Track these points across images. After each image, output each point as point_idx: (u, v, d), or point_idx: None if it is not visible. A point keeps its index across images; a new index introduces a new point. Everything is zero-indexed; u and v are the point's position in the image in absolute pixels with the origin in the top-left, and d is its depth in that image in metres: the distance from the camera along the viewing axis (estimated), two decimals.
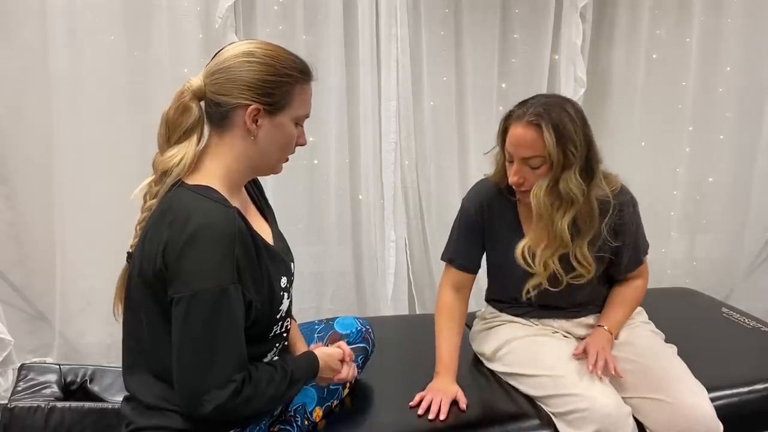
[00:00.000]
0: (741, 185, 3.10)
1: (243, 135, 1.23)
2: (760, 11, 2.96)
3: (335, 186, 2.75)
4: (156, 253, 1.16)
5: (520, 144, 1.53)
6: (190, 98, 1.23)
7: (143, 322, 1.23)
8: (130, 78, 2.48)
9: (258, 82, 1.20)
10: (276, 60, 1.22)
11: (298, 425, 1.43)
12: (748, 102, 3.04)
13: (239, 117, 1.22)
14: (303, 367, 1.33)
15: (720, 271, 3.19)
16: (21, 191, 2.49)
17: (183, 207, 1.17)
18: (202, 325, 1.13)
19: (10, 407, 1.46)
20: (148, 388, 1.24)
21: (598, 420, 1.46)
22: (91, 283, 2.52)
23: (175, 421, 1.21)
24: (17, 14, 2.37)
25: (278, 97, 1.22)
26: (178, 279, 1.14)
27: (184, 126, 1.23)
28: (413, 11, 2.71)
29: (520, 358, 1.67)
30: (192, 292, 1.12)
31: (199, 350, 1.14)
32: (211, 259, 1.13)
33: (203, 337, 1.13)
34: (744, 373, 1.75)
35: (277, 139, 1.26)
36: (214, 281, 1.13)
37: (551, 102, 1.54)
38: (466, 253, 1.74)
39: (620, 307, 1.72)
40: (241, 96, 1.20)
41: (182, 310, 1.13)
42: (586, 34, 2.84)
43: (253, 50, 1.22)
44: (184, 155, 1.22)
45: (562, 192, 1.52)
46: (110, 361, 2.50)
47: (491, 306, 1.85)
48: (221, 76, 1.21)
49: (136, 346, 1.27)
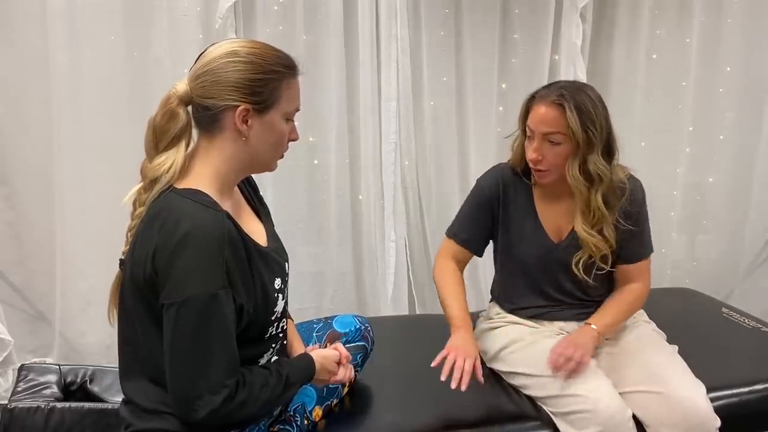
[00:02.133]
0: (741, 185, 3.10)
1: (234, 137, 1.22)
2: (760, 11, 2.96)
3: (335, 186, 2.74)
4: (146, 259, 1.15)
5: (542, 120, 1.58)
6: (177, 104, 1.21)
7: (137, 328, 1.22)
8: (130, 78, 2.48)
9: (245, 82, 1.19)
10: (261, 57, 1.21)
11: (298, 425, 1.43)
12: (748, 102, 3.04)
13: (229, 119, 1.20)
14: (299, 370, 1.32)
15: (720, 271, 3.19)
16: (21, 191, 2.49)
17: (172, 211, 1.15)
18: (193, 331, 1.12)
19: (10, 408, 1.46)
20: (144, 393, 1.23)
21: (600, 422, 1.46)
22: (91, 283, 2.52)
23: (172, 424, 1.20)
24: (17, 14, 2.36)
25: (266, 95, 1.21)
26: (168, 285, 1.13)
27: (172, 132, 1.21)
28: (413, 12, 2.71)
29: (524, 357, 1.67)
30: (182, 298, 1.12)
31: (191, 356, 1.13)
32: (200, 264, 1.12)
33: (194, 343, 1.13)
34: (744, 373, 1.76)
35: (269, 138, 1.24)
36: (203, 287, 1.12)
37: (574, 86, 1.61)
38: (471, 229, 1.77)
39: (613, 308, 1.72)
40: (228, 97, 1.19)
41: (172, 316, 1.12)
42: (586, 34, 2.84)
43: (236, 49, 1.20)
44: (173, 162, 1.20)
45: (592, 172, 1.58)
46: (110, 361, 2.49)
47: (497, 306, 1.85)
48: (207, 78, 1.19)
49: (131, 351, 1.26)
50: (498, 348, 1.74)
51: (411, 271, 2.88)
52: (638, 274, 1.74)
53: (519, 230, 1.72)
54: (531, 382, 1.63)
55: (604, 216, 1.62)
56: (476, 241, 1.78)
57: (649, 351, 1.65)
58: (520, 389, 1.67)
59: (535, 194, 1.72)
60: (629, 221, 1.66)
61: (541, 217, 1.71)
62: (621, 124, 2.96)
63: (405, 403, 1.57)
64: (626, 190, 1.65)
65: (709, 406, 1.51)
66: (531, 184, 1.72)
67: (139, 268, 1.17)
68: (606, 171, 1.59)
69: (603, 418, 1.46)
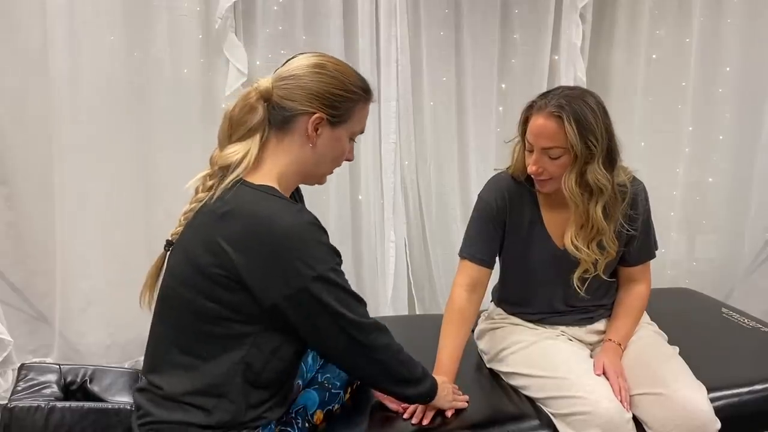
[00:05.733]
0: (741, 185, 3.10)
1: (302, 141, 1.28)
2: (760, 11, 2.96)
3: (335, 186, 2.74)
4: (221, 250, 1.18)
5: (540, 134, 1.54)
6: (257, 99, 1.27)
7: (183, 314, 1.24)
8: (130, 78, 2.48)
9: (326, 94, 1.26)
10: (345, 76, 1.29)
11: (299, 426, 1.43)
12: (748, 102, 3.04)
13: (302, 123, 1.26)
14: (430, 375, 1.45)
15: (720, 271, 3.19)
16: (21, 191, 2.49)
17: (260, 208, 1.20)
18: (341, 295, 1.23)
19: (10, 407, 1.46)
20: (175, 379, 1.24)
21: (600, 423, 1.46)
22: (91, 283, 2.52)
23: (195, 416, 1.22)
24: (17, 14, 2.37)
25: (342, 111, 1.28)
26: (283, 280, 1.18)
27: (249, 125, 1.27)
28: (413, 11, 2.71)
29: (524, 358, 1.67)
30: (315, 277, 1.19)
31: (350, 308, 1.24)
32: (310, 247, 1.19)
33: (346, 302, 1.24)
34: (744, 373, 1.75)
35: (333, 150, 1.31)
36: (328, 262, 1.22)
37: (573, 94, 1.55)
38: (485, 246, 1.71)
39: (627, 318, 1.72)
40: (307, 103, 1.25)
41: (309, 297, 1.20)
42: (586, 35, 2.85)
43: (324, 63, 1.28)
44: (247, 152, 1.26)
45: (591, 183, 1.54)
46: (110, 361, 2.50)
47: (500, 308, 1.84)
48: (291, 82, 1.26)
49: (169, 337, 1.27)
50: (498, 348, 1.74)
51: (411, 271, 2.88)
52: (641, 274, 1.75)
53: (526, 238, 1.69)
54: (531, 383, 1.62)
55: (603, 229, 1.58)
56: (492, 255, 1.73)
57: (651, 353, 1.65)
58: (519, 390, 1.67)
59: (540, 201, 1.70)
60: (633, 226, 1.64)
61: (546, 223, 1.69)
62: (621, 124, 2.97)
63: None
64: (627, 194, 1.62)
65: (710, 408, 1.50)
66: (535, 192, 1.69)
67: (207, 257, 1.19)
68: (606, 182, 1.54)
69: (602, 419, 1.46)
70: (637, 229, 1.66)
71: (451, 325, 1.66)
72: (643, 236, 1.70)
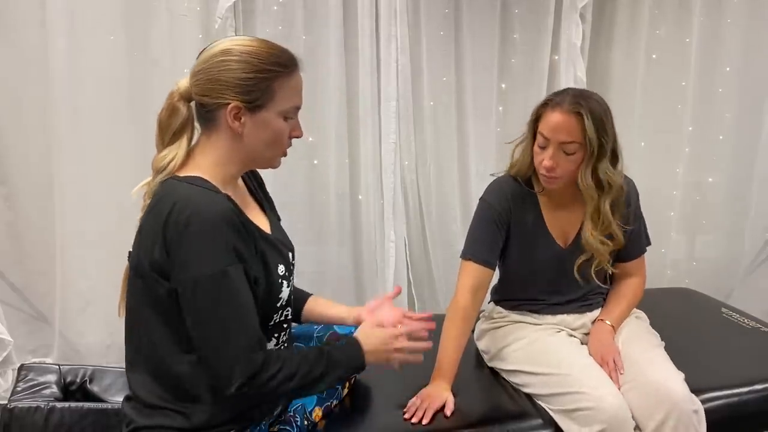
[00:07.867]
0: (741, 185, 3.10)
1: (229, 134, 1.24)
2: (760, 11, 2.96)
3: (335, 186, 2.74)
4: (152, 245, 1.17)
5: (560, 129, 1.57)
6: (178, 99, 1.25)
7: (141, 321, 1.24)
8: (129, 78, 2.48)
9: (235, 81, 1.20)
10: (254, 56, 1.21)
11: (298, 425, 1.43)
12: (748, 102, 3.04)
13: (222, 116, 1.22)
14: (343, 347, 1.32)
15: (720, 271, 3.19)
16: (21, 191, 2.49)
17: (172, 196, 1.18)
18: (208, 308, 1.15)
19: (9, 407, 1.46)
20: (147, 388, 1.25)
21: (604, 419, 1.47)
22: (91, 283, 2.52)
23: (175, 420, 1.22)
24: (17, 14, 2.36)
25: (258, 94, 1.21)
26: (176, 268, 1.15)
27: (173, 127, 1.25)
28: (413, 11, 2.70)
29: (526, 355, 1.68)
30: (193, 279, 1.14)
31: (210, 332, 1.16)
32: (205, 244, 1.14)
33: (211, 321, 1.16)
34: (744, 373, 1.75)
35: (263, 136, 1.25)
36: (212, 265, 1.14)
37: (585, 94, 1.62)
38: (488, 247, 1.72)
39: (621, 302, 1.78)
40: (220, 95, 1.21)
41: (188, 297, 1.15)
42: (586, 34, 2.85)
43: (230, 48, 1.22)
44: (174, 155, 1.24)
45: (602, 179, 1.60)
46: (110, 361, 2.49)
47: (500, 307, 1.85)
48: (202, 76, 1.22)
49: (135, 344, 1.28)
50: (500, 347, 1.75)
51: (411, 271, 2.88)
52: (636, 268, 1.81)
53: (529, 239, 1.72)
54: (534, 380, 1.63)
55: (610, 222, 1.65)
56: (495, 256, 1.74)
57: (633, 347, 1.67)
58: (520, 387, 1.67)
59: (541, 202, 1.73)
60: (627, 222, 1.70)
61: (548, 224, 1.72)
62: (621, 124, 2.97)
63: (405, 403, 1.57)
64: (623, 192, 1.67)
65: (684, 388, 1.50)
66: (535, 193, 1.72)
67: (144, 256, 1.19)
68: (615, 177, 1.61)
69: (607, 415, 1.47)
70: (630, 225, 1.71)
71: (455, 326, 1.66)
72: (635, 232, 1.75)
